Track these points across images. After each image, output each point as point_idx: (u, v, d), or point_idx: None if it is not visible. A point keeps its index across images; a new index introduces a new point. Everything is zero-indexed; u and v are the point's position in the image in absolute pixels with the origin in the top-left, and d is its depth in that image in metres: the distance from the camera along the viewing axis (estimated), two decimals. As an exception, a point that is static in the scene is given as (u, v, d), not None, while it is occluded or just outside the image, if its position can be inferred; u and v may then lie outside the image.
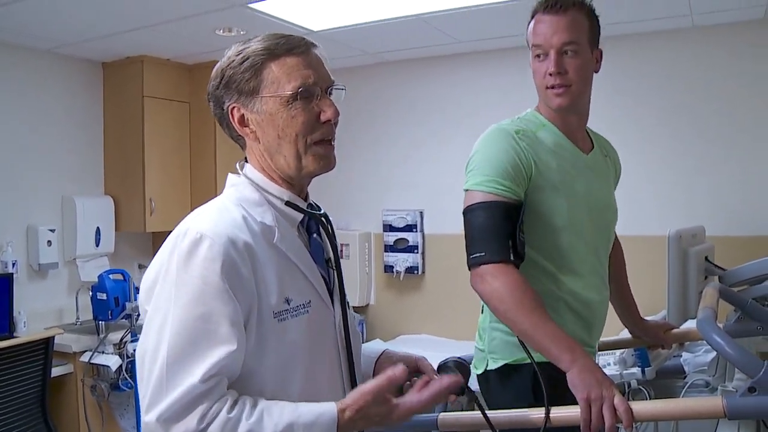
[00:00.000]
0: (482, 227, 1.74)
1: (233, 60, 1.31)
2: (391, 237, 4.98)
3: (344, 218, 5.13)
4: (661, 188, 4.17)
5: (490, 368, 1.89)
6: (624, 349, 2.87)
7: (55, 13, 3.69)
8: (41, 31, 4.03)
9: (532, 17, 1.88)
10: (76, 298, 4.50)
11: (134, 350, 3.88)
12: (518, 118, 1.92)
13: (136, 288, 4.26)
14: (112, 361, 3.90)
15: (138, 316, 3.97)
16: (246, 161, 1.39)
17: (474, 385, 1.53)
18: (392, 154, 5.04)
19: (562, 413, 1.54)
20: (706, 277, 2.28)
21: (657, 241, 2.37)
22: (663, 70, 4.16)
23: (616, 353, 2.96)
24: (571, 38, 1.80)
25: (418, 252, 4.91)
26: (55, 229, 4.47)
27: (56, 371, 3.89)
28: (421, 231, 4.92)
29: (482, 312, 1.97)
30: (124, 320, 4.09)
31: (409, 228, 4.91)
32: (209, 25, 3.95)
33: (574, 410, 1.54)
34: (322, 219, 1.42)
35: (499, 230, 1.72)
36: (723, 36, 3.99)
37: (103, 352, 3.94)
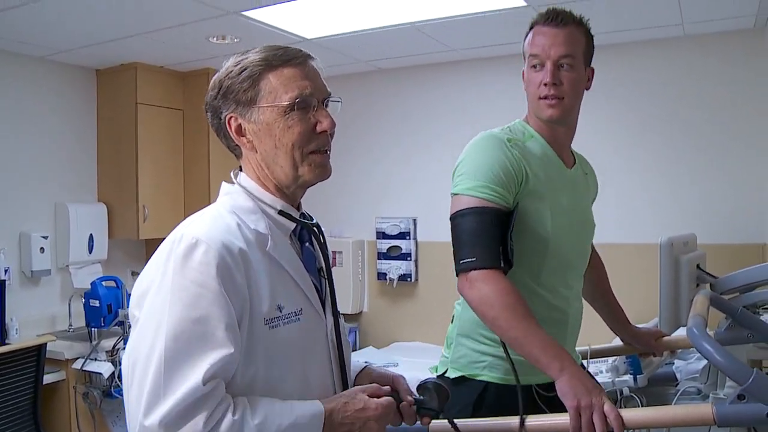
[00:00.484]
0: (473, 232, 1.74)
1: (231, 71, 1.32)
2: (385, 244, 4.98)
3: (337, 225, 5.13)
4: (653, 196, 4.19)
5: (448, 376, 1.93)
6: (616, 357, 2.88)
7: (48, 21, 3.69)
8: (35, 38, 4.03)
9: (530, 28, 1.90)
10: (69, 305, 4.49)
11: (126, 357, 3.88)
12: (507, 128, 1.93)
13: (129, 295, 4.24)
14: (105, 368, 3.89)
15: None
16: (240, 170, 1.41)
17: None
18: (385, 162, 5.05)
19: (538, 422, 1.56)
20: (697, 285, 2.29)
21: (649, 249, 2.39)
22: (655, 79, 4.19)
23: (608, 361, 2.96)
24: (568, 52, 1.82)
25: (411, 259, 4.91)
26: (48, 236, 4.46)
27: (48, 378, 3.87)
28: (414, 238, 4.93)
29: (452, 322, 2.00)
30: (116, 327, 4.09)
31: (402, 235, 4.92)
32: (203, 33, 3.96)
33: (551, 419, 1.56)
34: (314, 228, 1.43)
35: (490, 236, 1.73)
36: (714, 45, 4.03)
37: (95, 359, 3.92)
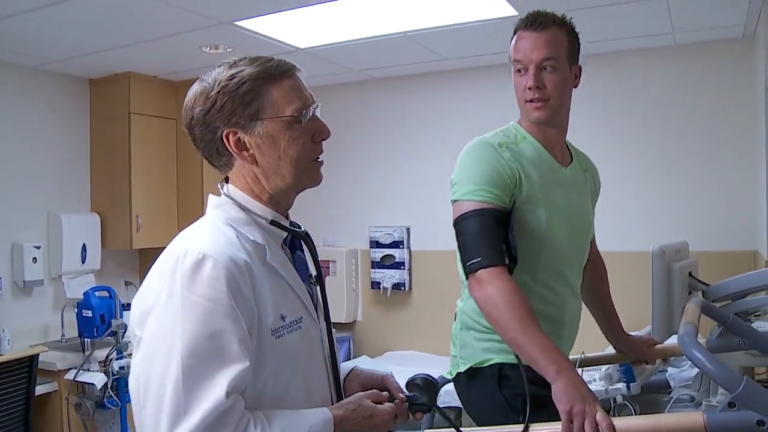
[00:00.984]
0: (476, 234, 1.78)
1: (226, 84, 1.30)
2: (378, 253, 4.98)
3: (331, 235, 5.13)
4: (644, 204, 4.21)
5: (460, 371, 1.97)
6: (609, 365, 2.88)
7: (41, 30, 3.69)
8: (27, 48, 4.04)
9: (514, 33, 1.93)
10: (62, 315, 4.47)
11: (120, 367, 3.86)
12: (501, 131, 1.97)
13: (123, 305, 4.24)
14: (98, 379, 3.87)
15: (124, 333, 3.94)
16: (227, 181, 1.40)
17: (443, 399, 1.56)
18: (379, 171, 5.06)
19: (541, 429, 1.55)
20: (689, 293, 2.29)
21: (641, 257, 2.39)
22: (646, 87, 4.22)
23: (602, 369, 2.96)
24: (549, 54, 1.85)
25: (404, 268, 4.91)
26: (40, 246, 4.45)
27: (41, 389, 3.85)
28: (408, 247, 4.93)
29: (454, 320, 2.04)
30: (109, 338, 4.06)
31: (395, 244, 4.92)
32: (196, 43, 3.97)
33: (555, 426, 1.55)
34: (304, 236, 1.43)
35: (492, 235, 1.77)
36: (704, 54, 4.06)
37: (88, 370, 3.90)
